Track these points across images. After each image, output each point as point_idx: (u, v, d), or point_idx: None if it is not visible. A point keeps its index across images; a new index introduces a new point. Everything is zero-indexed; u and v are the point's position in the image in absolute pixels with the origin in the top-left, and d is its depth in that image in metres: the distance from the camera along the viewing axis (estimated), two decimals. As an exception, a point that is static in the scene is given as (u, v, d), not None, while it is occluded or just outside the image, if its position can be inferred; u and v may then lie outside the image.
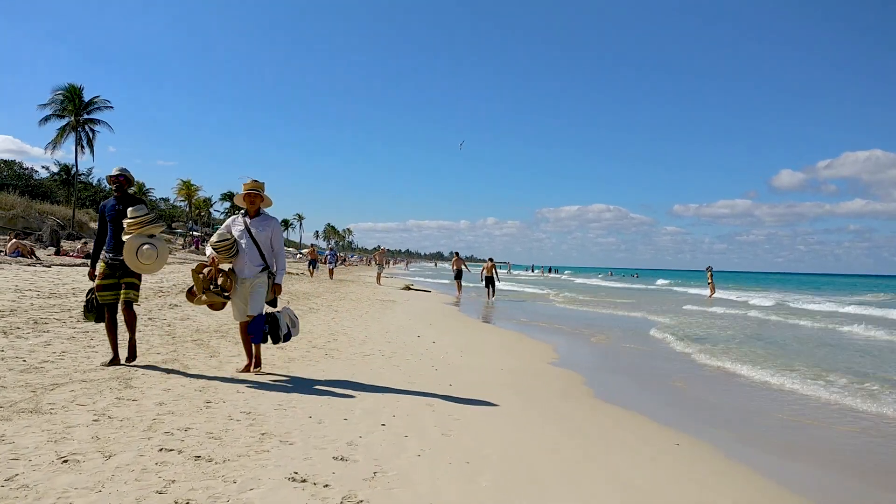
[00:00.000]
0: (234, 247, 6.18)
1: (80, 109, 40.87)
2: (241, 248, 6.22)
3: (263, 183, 6.42)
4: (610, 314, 19.36)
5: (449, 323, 14.09)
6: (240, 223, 6.34)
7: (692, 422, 5.96)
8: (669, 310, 21.68)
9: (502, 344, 10.89)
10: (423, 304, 18.98)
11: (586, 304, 24.46)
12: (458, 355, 8.90)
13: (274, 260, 6.35)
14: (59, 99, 40.48)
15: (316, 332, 10.03)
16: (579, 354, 10.49)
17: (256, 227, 6.27)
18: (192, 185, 74.69)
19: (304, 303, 15.39)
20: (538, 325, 14.89)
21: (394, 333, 10.79)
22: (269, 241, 6.30)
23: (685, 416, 6.18)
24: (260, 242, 6.22)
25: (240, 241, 6.23)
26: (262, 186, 6.37)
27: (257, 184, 6.34)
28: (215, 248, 6.14)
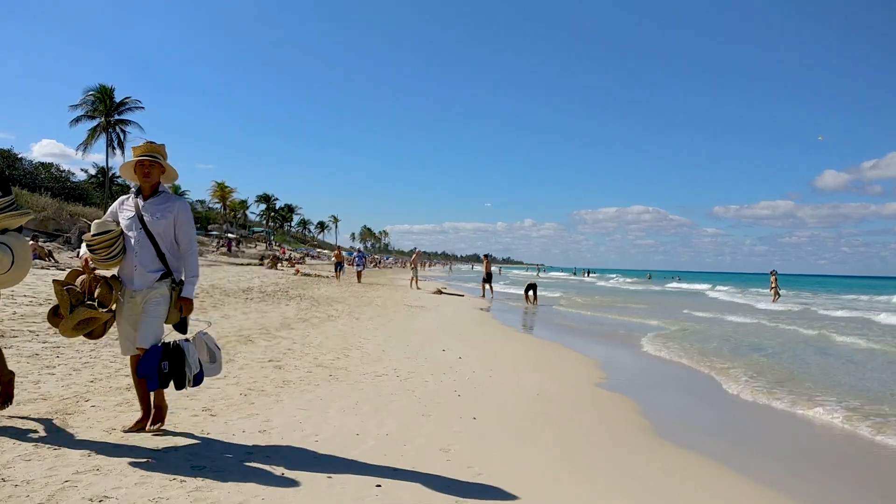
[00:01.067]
0: (119, 243, 4.07)
1: (111, 110, 40.77)
2: (128, 244, 4.09)
3: (163, 145, 4.28)
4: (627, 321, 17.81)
5: (480, 332, 12.77)
6: (130, 207, 4.19)
7: (785, 472, 4.56)
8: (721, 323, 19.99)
9: (539, 358, 9.54)
10: (454, 310, 17.69)
11: (592, 307, 22.87)
12: (488, 374, 7.59)
13: (180, 262, 4.27)
14: (90, 100, 40.40)
15: (327, 345, 8.82)
16: (630, 371, 9.07)
17: (152, 213, 4.11)
18: (227, 187, 74.85)
19: (324, 309, 14.25)
20: (579, 331, 13.50)
21: (416, 346, 9.53)
22: (171, 232, 4.15)
23: (773, 463, 4.77)
24: (157, 235, 4.08)
25: (127, 235, 4.11)
26: (160, 150, 4.24)
27: (153, 146, 4.23)
28: (90, 246, 4.04)
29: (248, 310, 12.44)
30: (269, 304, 13.94)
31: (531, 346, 11.32)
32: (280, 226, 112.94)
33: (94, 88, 40.92)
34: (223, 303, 13.24)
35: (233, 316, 11.20)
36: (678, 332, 13.98)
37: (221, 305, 12.68)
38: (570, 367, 8.91)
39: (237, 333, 9.07)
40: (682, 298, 34.88)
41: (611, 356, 10.33)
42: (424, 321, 13.58)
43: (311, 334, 9.75)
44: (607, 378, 8.12)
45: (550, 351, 10.59)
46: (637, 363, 9.88)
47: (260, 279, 23.50)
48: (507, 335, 12.76)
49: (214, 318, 10.55)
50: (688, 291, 46.50)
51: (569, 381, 7.67)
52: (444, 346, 9.68)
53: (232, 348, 7.75)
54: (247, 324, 10.32)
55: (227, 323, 10.15)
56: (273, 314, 12.14)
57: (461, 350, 9.45)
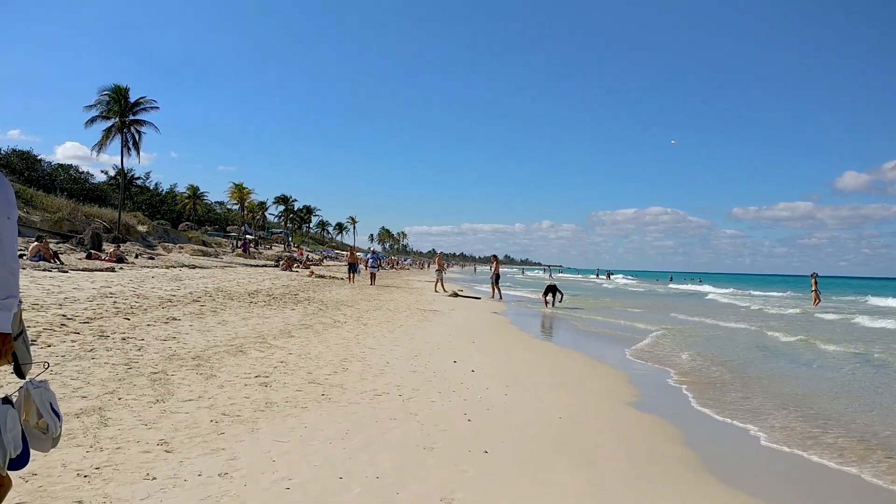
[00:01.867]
0: None
1: (125, 110, 40.39)
2: None
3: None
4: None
5: (496, 339, 11.90)
6: None
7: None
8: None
9: (562, 371, 8.64)
10: (469, 314, 16.82)
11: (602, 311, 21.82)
12: (503, 392, 6.72)
13: None
14: (105, 100, 40.10)
15: (326, 357, 7.99)
16: (665, 386, 8.12)
17: None
18: (245, 188, 74.57)
19: (331, 314, 13.46)
20: (606, 338, 12.57)
21: (425, 357, 8.68)
22: None
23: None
24: None
25: None
26: None
27: None
28: None
29: (249, 315, 11.68)
30: (273, 309, 13.18)
31: (552, 356, 10.40)
32: (298, 227, 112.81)
33: (109, 88, 40.58)
34: (224, 307, 12.50)
35: (230, 322, 10.43)
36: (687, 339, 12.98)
37: (222, 310, 11.94)
38: (598, 382, 8.00)
39: (229, 343, 8.29)
40: (690, 301, 33.67)
41: (642, 368, 9.39)
42: (436, 327, 12.73)
43: (310, 343, 8.95)
44: (641, 396, 7.20)
45: (574, 362, 9.67)
46: (670, 372, 8.94)
47: (271, 281, 22.83)
48: (526, 343, 11.86)
49: (210, 325, 9.80)
50: (691, 293, 45.10)
51: (596, 400, 6.76)
52: (455, 357, 8.82)
53: (218, 361, 6.96)
54: (243, 331, 9.54)
55: (222, 330, 9.38)
56: (275, 320, 11.37)
57: (474, 361, 8.59)
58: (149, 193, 71.50)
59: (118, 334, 7.95)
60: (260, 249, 63.79)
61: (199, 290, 15.35)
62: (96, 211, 43.10)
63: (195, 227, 66.65)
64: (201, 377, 6.07)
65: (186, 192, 75.19)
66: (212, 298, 13.76)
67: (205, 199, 79.91)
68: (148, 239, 45.27)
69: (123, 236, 39.73)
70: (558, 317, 18.61)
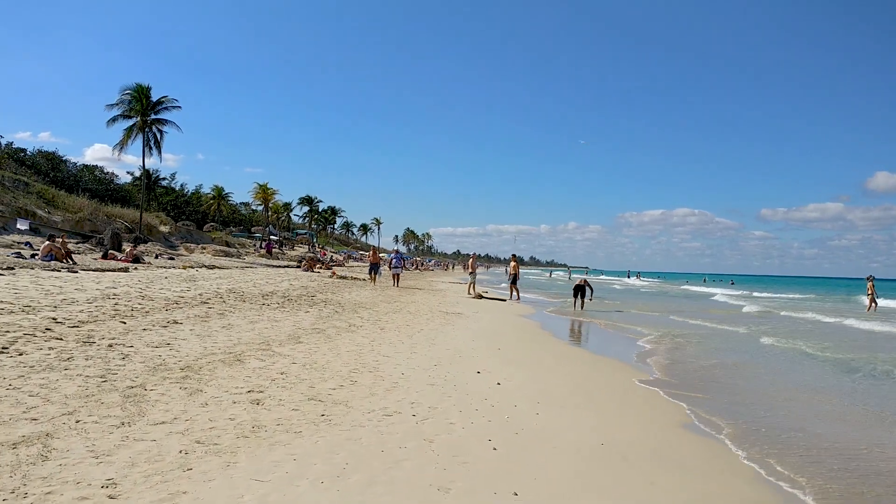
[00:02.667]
0: None
1: (147, 109, 40.16)
2: None
3: None
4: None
5: (524, 346, 10.97)
6: None
7: None
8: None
9: (600, 384, 7.68)
10: (494, 318, 15.90)
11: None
12: (534, 410, 5.80)
13: None
14: (126, 99, 39.91)
15: (333, 366, 7.14)
16: (723, 399, 7.08)
17: None
18: (269, 189, 74.46)
19: (346, 317, 12.64)
20: (644, 342, 11.54)
21: (445, 366, 7.79)
22: None
23: None
24: None
25: None
26: None
27: None
28: None
29: (259, 318, 10.91)
30: (285, 312, 12.40)
31: (588, 366, 9.43)
32: (323, 228, 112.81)
33: (131, 87, 40.38)
34: (234, 309, 11.75)
35: (235, 326, 9.65)
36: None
37: (230, 313, 11.18)
38: (642, 396, 7.03)
39: (228, 350, 7.48)
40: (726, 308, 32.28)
41: (692, 380, 8.38)
42: (459, 332, 11.83)
43: (319, 351, 8.11)
44: (693, 413, 6.23)
45: (613, 373, 8.70)
46: (731, 391, 7.90)
47: (290, 282, 22.14)
48: (557, 351, 10.89)
49: (212, 329, 9.03)
50: (697, 295, 43.47)
51: (643, 421, 5.81)
52: (479, 366, 7.91)
53: (209, 372, 6.15)
54: (248, 336, 8.75)
55: (224, 336, 8.59)
56: (285, 324, 10.58)
57: (500, 372, 7.68)
58: (174, 194, 71.82)
59: (106, 340, 7.20)
60: (284, 250, 63.50)
61: (210, 291, 14.65)
62: (118, 211, 43.00)
63: (220, 228, 66.65)
64: (184, 393, 5.25)
65: (211, 192, 75.33)
66: (222, 300, 13.03)
67: (230, 200, 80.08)
68: (170, 239, 45.07)
69: (145, 237, 39.50)
70: (591, 320, 17.56)
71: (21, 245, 26.33)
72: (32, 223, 33.44)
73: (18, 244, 26.52)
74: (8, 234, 30.30)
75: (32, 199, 37.84)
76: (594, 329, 15.48)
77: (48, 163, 52.71)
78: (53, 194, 40.01)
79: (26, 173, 45.18)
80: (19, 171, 44.13)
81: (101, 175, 62.64)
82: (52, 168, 51.83)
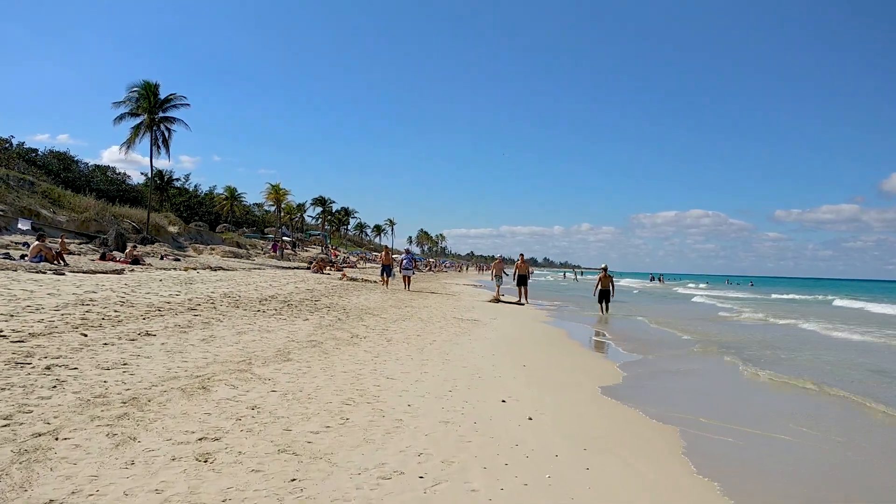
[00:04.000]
0: None
1: (154, 107, 39.10)
2: None
3: None
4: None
5: (553, 361, 9.52)
6: None
7: None
8: None
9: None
10: (514, 325, 14.45)
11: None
12: (581, 461, 4.35)
13: None
14: (133, 96, 38.89)
15: (322, 395, 5.73)
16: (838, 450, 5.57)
17: None
18: (281, 189, 73.35)
19: (350, 325, 11.25)
20: (709, 358, 9.99)
21: (461, 392, 6.37)
22: None
23: None
24: None
25: None
26: None
27: None
28: None
29: (249, 328, 9.55)
30: (281, 319, 11.04)
31: (638, 389, 7.97)
32: (336, 229, 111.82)
33: (138, 85, 39.35)
34: (223, 317, 10.42)
35: (218, 338, 8.29)
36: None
37: (217, 322, 9.84)
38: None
39: (196, 373, 6.10)
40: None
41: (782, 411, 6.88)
42: (476, 343, 10.40)
43: (309, 372, 6.71)
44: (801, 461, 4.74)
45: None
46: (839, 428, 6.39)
47: (295, 285, 20.83)
48: (592, 367, 9.40)
49: (188, 343, 7.68)
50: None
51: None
52: (503, 391, 6.49)
53: (158, 407, 4.76)
54: (227, 352, 7.37)
55: (199, 352, 7.23)
56: (277, 335, 9.21)
57: (530, 399, 6.25)
58: (187, 195, 71.12)
59: (48, 360, 5.86)
60: (296, 251, 62.40)
61: (202, 295, 13.34)
62: (126, 211, 42.05)
63: (233, 229, 65.84)
64: (109, 444, 3.86)
65: (224, 193, 74.43)
66: (212, 306, 11.70)
67: (243, 202, 79.14)
68: (179, 240, 44.06)
69: (152, 237, 38.47)
70: (624, 324, 15.99)
71: (19, 245, 25.30)
72: (35, 223, 32.46)
73: (17, 245, 25.50)
74: (10, 234, 29.33)
75: (37, 198, 36.93)
76: (636, 335, 13.94)
77: (60, 163, 52.06)
78: (59, 194, 39.11)
79: (36, 173, 44.45)
80: (28, 171, 43.40)
81: (112, 175, 62.04)
82: (64, 168, 51.18)
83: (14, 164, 43.26)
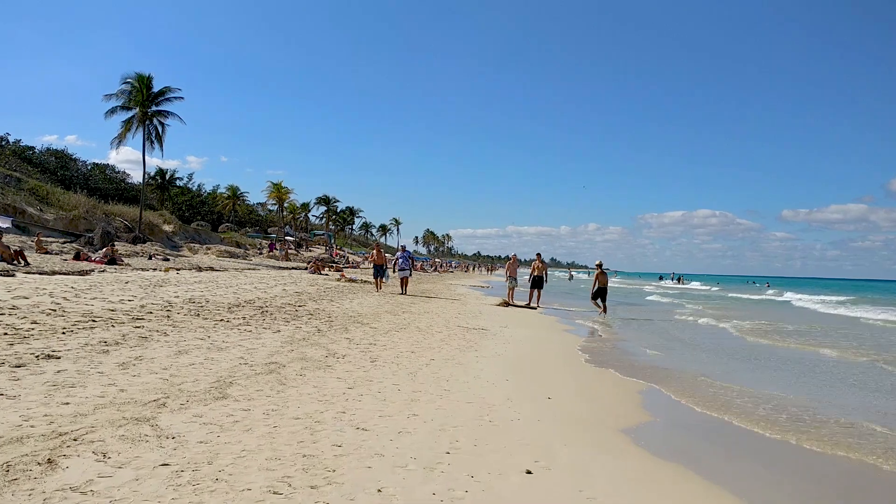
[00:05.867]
0: None
1: (147, 100, 37.19)
2: None
3: None
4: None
5: (589, 391, 7.42)
6: None
7: None
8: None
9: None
10: (530, 336, 12.35)
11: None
12: None
13: None
14: (126, 89, 37.00)
15: (248, 465, 3.66)
16: None
17: None
18: (283, 188, 71.59)
19: (331, 338, 9.21)
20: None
21: (465, 454, 4.30)
22: None
23: None
24: None
25: None
26: None
27: None
28: None
29: (196, 345, 7.51)
30: (245, 332, 9.00)
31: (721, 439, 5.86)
32: (341, 229, 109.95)
33: (131, 77, 37.48)
34: (174, 328, 8.40)
35: (146, 361, 6.25)
36: None
37: (160, 335, 7.81)
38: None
39: (59, 429, 4.04)
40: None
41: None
42: (485, 364, 8.31)
43: (246, 419, 4.64)
44: None
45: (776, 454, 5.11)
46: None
47: (284, 287, 18.82)
48: (632, 398, 7.29)
49: (98, 370, 5.65)
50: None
51: None
52: (526, 450, 4.41)
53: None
54: (142, 386, 5.32)
55: (99, 385, 5.19)
56: (229, 354, 7.15)
57: (569, 468, 4.17)
58: (190, 194, 69.43)
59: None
60: (299, 251, 60.49)
61: (161, 301, 11.32)
62: (119, 209, 40.20)
63: (235, 229, 64.17)
64: None
65: (226, 192, 72.69)
66: (167, 315, 9.68)
67: (246, 201, 77.40)
68: (174, 239, 42.19)
69: (145, 236, 36.58)
70: (672, 331, 13.82)
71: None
72: (17, 221, 30.61)
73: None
74: (-13, 232, 27.48)
75: (24, 195, 35.10)
76: (672, 345, 11.77)
77: (58, 161, 50.40)
78: (48, 191, 37.30)
79: (30, 171, 42.73)
80: (19, 168, 41.66)
81: (112, 174, 60.39)
82: (61, 166, 49.50)
83: (5, 162, 41.49)
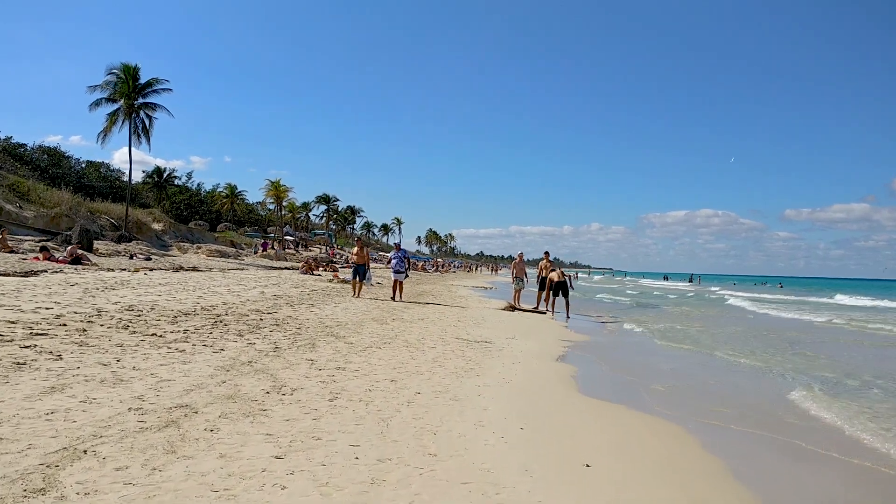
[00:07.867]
0: None
1: (133, 92, 35.13)
2: None
3: None
4: None
5: (635, 450, 5.33)
6: None
7: None
8: None
9: None
10: (540, 351, 10.23)
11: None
12: None
13: None
14: (112, 80, 34.95)
15: None
16: None
17: None
18: (281, 186, 69.59)
19: (289, 358, 7.11)
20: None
21: None
22: None
23: None
24: None
25: None
26: None
27: None
28: None
29: (87, 375, 5.42)
30: (176, 352, 6.91)
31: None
32: (342, 228, 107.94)
33: (117, 67, 35.46)
34: (77, 348, 6.33)
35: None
36: None
37: (48, 359, 5.74)
38: None
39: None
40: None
41: None
42: (489, 399, 6.19)
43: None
44: None
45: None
46: None
47: (264, 289, 16.76)
48: (682, 466, 5.17)
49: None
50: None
51: None
52: None
53: None
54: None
55: None
56: (130, 389, 5.07)
57: None
58: (188, 193, 67.53)
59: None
60: (298, 251, 58.45)
61: (91, 309, 9.25)
62: (105, 207, 38.25)
63: (234, 228, 62.33)
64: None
65: (224, 191, 70.76)
66: (83, 329, 7.59)
67: (245, 200, 75.46)
68: (163, 238, 40.22)
69: (131, 235, 34.58)
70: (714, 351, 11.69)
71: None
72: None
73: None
74: (-46, 230, 25.49)
75: (2, 191, 33.17)
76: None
77: (49, 159, 48.49)
78: (29, 187, 35.31)
79: (20, 168, 40.86)
80: (5, 164, 39.74)
81: (106, 172, 58.49)
82: (53, 164, 47.58)
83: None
